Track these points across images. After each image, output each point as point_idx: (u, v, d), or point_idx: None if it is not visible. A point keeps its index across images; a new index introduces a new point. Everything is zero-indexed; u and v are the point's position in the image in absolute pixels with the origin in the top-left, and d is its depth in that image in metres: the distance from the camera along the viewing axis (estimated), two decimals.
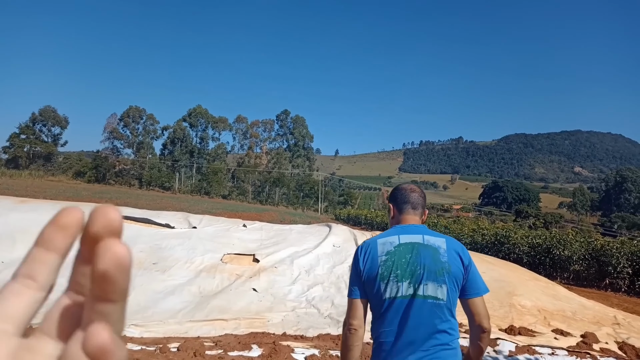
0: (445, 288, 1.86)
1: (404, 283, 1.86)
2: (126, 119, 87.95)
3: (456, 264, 1.91)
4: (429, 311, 1.85)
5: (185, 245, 7.27)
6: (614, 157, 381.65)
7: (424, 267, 1.87)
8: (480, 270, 6.33)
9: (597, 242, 14.75)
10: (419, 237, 1.95)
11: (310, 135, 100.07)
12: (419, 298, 1.85)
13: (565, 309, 7.21)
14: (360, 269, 1.93)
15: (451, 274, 1.88)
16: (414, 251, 1.90)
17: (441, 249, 1.92)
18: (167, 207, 34.91)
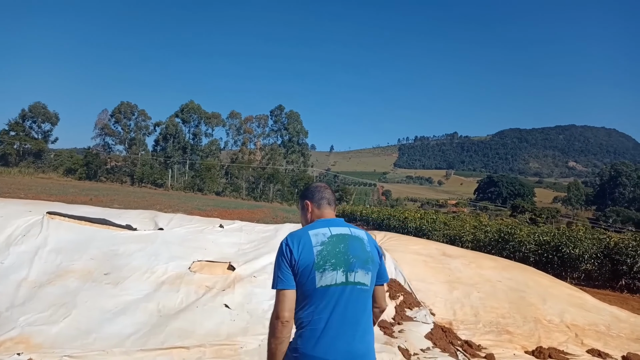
0: (370, 275, 2.07)
1: (339, 271, 1.98)
2: (117, 115, 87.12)
3: (375, 254, 2.13)
4: (359, 297, 2.01)
5: (147, 251, 6.07)
6: (608, 151, 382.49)
7: (356, 257, 2.03)
8: (495, 279, 4.85)
9: (610, 239, 13.66)
10: (346, 230, 2.13)
11: (305, 131, 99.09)
12: (351, 285, 1.99)
13: (598, 322, 6.11)
14: (295, 259, 1.98)
15: (374, 263, 2.10)
16: (346, 242, 2.05)
17: (365, 240, 2.12)
18: (157, 204, 33.80)
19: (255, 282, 5.68)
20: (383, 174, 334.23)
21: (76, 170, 72.70)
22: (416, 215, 27.47)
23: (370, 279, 2.06)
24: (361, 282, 2.02)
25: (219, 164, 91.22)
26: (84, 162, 74.79)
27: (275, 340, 1.95)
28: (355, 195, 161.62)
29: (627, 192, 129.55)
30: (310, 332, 1.95)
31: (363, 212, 43.65)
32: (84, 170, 73.10)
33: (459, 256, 7.80)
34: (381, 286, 2.22)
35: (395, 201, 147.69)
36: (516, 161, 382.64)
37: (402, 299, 5.89)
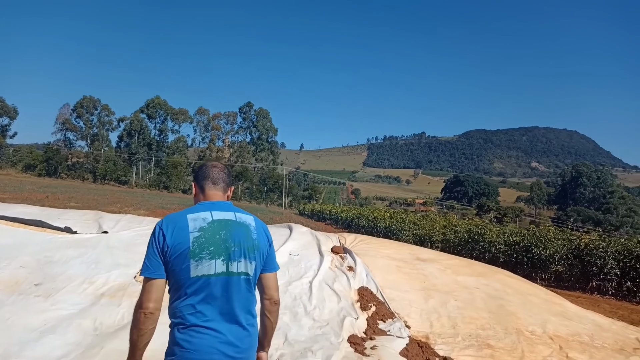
0: (254, 264, 1.92)
1: (218, 260, 1.84)
2: (80, 109, 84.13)
3: (264, 241, 1.99)
4: (241, 287, 1.88)
5: (87, 258, 5.32)
6: (569, 152, 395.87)
7: (239, 244, 1.89)
8: (472, 285, 4.09)
9: (580, 240, 13.55)
10: (231, 215, 1.96)
11: (275, 129, 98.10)
12: (233, 275, 1.86)
13: (580, 332, 5.73)
14: (168, 245, 1.81)
15: (259, 251, 1.95)
16: (228, 228, 1.90)
17: (251, 226, 1.97)
18: (119, 202, 32.54)
19: None
20: (352, 173, 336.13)
21: (36, 167, 69.89)
22: (386, 214, 27.19)
23: (254, 269, 1.92)
24: (244, 272, 1.88)
25: (186, 161, 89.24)
26: (44, 158, 71.95)
27: (137, 331, 1.79)
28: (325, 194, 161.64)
29: (587, 192, 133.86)
30: (185, 325, 1.81)
31: (332, 211, 43.23)
32: (43, 166, 70.33)
33: (434, 260, 7.34)
34: (271, 274, 2.03)
35: (365, 200, 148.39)
36: (481, 161, 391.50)
37: (375, 310, 5.35)
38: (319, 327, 4.77)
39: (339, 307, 5.25)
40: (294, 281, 5.66)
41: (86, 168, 80.00)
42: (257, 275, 1.96)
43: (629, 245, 12.39)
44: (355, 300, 5.53)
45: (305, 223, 33.92)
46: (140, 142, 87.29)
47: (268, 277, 2.01)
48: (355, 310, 5.27)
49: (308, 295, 5.38)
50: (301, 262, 6.18)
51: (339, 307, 5.25)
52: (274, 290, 2.02)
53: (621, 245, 12.54)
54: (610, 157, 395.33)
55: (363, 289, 5.82)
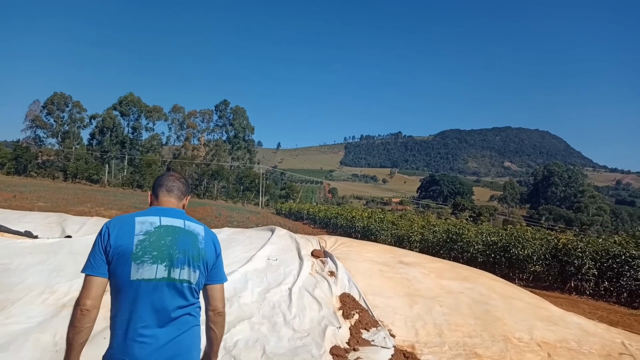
0: (198, 273, 1.91)
1: (160, 265, 1.83)
2: (50, 106, 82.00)
3: (211, 251, 1.98)
4: (181, 295, 1.86)
5: (48, 265, 4.89)
6: (541, 152, 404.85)
7: (184, 252, 1.88)
8: (456, 290, 3.62)
9: (558, 240, 13.58)
10: (180, 222, 1.96)
11: (251, 127, 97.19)
12: (174, 281, 1.85)
13: (567, 337, 5.59)
14: (111, 245, 1.82)
15: (205, 261, 1.94)
16: (175, 235, 1.90)
17: (200, 235, 1.96)
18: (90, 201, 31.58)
19: None
20: (330, 172, 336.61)
21: (4, 165, 67.82)
22: (364, 214, 27.04)
23: (197, 278, 1.91)
24: (186, 279, 1.88)
25: (161, 159, 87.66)
26: (13, 156, 69.88)
27: (72, 329, 1.76)
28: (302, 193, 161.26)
29: (559, 191, 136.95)
30: (120, 328, 1.80)
31: (310, 211, 42.96)
32: (12, 164, 68.30)
33: (417, 264, 7.13)
34: (218, 285, 2.02)
35: (342, 199, 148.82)
36: (456, 161, 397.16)
37: (358, 318, 5.08)
38: (300, 338, 4.48)
39: (320, 316, 4.97)
40: (273, 288, 5.35)
41: (57, 166, 77.80)
42: (201, 285, 1.96)
43: (606, 245, 12.45)
44: (337, 307, 5.26)
45: (283, 223, 33.57)
46: (113, 140, 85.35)
47: (214, 288, 2.00)
48: (338, 318, 5.00)
49: (287, 303, 5.08)
50: (280, 268, 5.87)
51: (320, 316, 4.97)
52: (218, 301, 2.00)
53: (599, 245, 12.59)
54: (580, 157, 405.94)
55: (345, 295, 5.55)
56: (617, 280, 11.74)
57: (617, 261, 11.78)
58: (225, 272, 2.13)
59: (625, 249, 11.86)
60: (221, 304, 2.01)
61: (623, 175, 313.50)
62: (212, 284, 1.99)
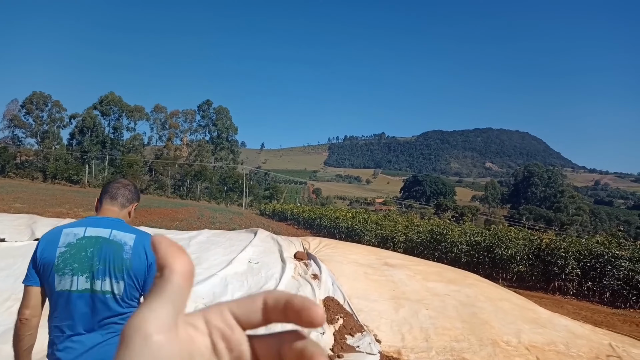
0: (122, 284, 1.87)
1: (81, 277, 1.84)
2: (29, 105, 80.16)
3: (138, 262, 1.92)
4: (107, 306, 1.85)
5: (15, 270, 4.58)
6: (521, 153, 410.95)
7: (105, 262, 1.86)
8: (442, 292, 3.45)
9: (541, 240, 13.60)
10: (106, 232, 1.93)
11: (235, 127, 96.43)
12: (97, 293, 1.85)
13: (556, 340, 5.48)
14: (38, 257, 1.86)
15: (131, 270, 1.89)
16: (97, 246, 1.89)
17: (127, 245, 1.92)
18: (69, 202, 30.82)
19: None
20: (314, 173, 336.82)
21: None
22: (348, 214, 26.90)
23: (123, 288, 1.87)
24: (109, 290, 1.85)
25: (142, 160, 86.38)
26: None
27: (15, 337, 1.84)
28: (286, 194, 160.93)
29: (539, 191, 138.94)
30: (52, 334, 1.85)
31: (294, 211, 42.65)
32: None
33: (402, 265, 6.98)
34: None
35: (326, 199, 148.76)
36: (439, 161, 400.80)
37: (342, 323, 4.89)
38: None
39: None
40: (254, 292, 5.14)
41: (36, 167, 76.05)
42: (133, 293, 1.90)
43: (589, 245, 12.50)
44: None
45: (266, 223, 33.25)
46: (94, 140, 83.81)
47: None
48: None
49: None
50: (261, 271, 5.65)
51: None
52: None
53: (582, 245, 12.63)
54: (560, 158, 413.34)
55: (329, 299, 5.36)
56: (600, 280, 11.78)
57: (600, 261, 11.83)
58: (204, 276, 2.13)
59: (608, 249, 11.92)
60: None
61: (601, 176, 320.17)
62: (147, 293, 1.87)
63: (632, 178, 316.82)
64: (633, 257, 11.55)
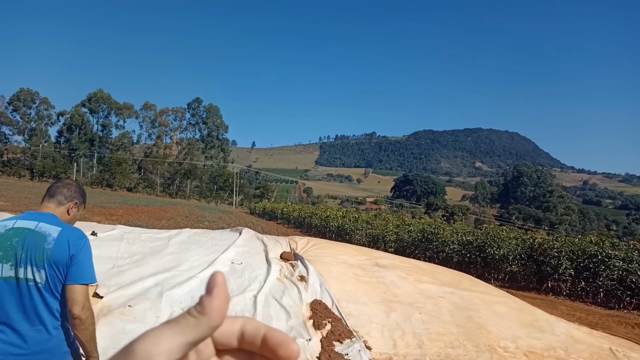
0: (43, 273, 1.94)
1: (6, 265, 1.92)
2: (16, 102, 79.26)
3: (60, 252, 1.97)
4: (30, 293, 1.92)
5: None
6: (511, 153, 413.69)
7: (27, 252, 1.93)
8: (436, 294, 5.37)
9: (534, 240, 13.39)
10: (33, 224, 2.01)
11: (225, 126, 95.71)
12: (20, 280, 1.92)
13: (555, 345, 5.22)
14: None
15: (52, 260, 1.94)
16: (22, 236, 1.96)
17: (50, 236, 1.98)
18: None
19: (129, 314, 4.06)
20: (305, 172, 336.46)
21: None
22: (338, 213, 26.61)
23: (45, 277, 1.94)
24: (31, 278, 1.93)
25: (131, 158, 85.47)
26: None
27: None
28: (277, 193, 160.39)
29: (528, 191, 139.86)
30: None
31: (284, 210, 42.28)
32: None
33: (394, 266, 6.67)
34: (72, 286, 1.96)
35: (317, 198, 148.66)
36: (429, 161, 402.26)
37: (330, 329, 4.57)
38: None
39: (288, 327, 4.45)
40: (236, 296, 4.78)
41: (23, 164, 74.91)
42: (55, 283, 1.95)
43: (582, 245, 12.30)
44: (307, 317, 4.74)
45: (256, 222, 32.86)
46: (82, 138, 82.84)
47: (68, 289, 1.95)
48: (308, 329, 4.48)
49: (252, 313, 4.53)
50: (245, 273, 5.30)
51: (289, 327, 4.45)
52: (73, 303, 1.94)
53: (575, 245, 12.44)
54: (549, 158, 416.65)
55: (316, 302, 5.03)
56: (593, 280, 11.60)
57: (594, 261, 11.65)
58: (183, 278, 1.99)
59: (602, 249, 11.72)
60: (77, 307, 1.94)
61: (590, 176, 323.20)
62: (67, 285, 1.96)
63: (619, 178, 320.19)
64: (627, 257, 11.39)
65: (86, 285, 1.99)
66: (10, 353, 1.87)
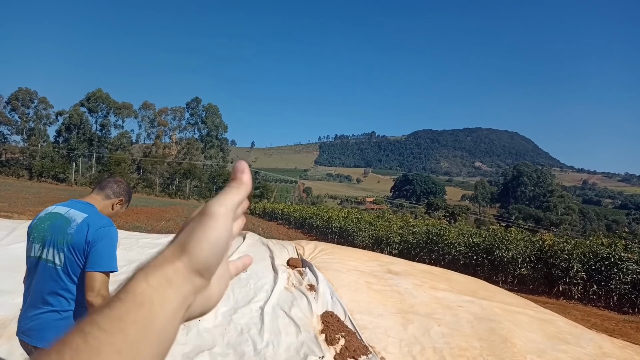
0: (63, 256, 2.01)
1: (37, 245, 2.06)
2: (14, 102, 78.90)
3: (79, 237, 2.02)
4: (48, 273, 2.01)
5: None
6: (510, 153, 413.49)
7: (52, 235, 2.04)
8: (454, 303, 5.10)
9: (544, 242, 13.01)
10: (65, 210, 2.11)
11: (224, 125, 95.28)
12: (43, 260, 2.03)
13: (583, 358, 4.85)
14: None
15: (71, 244, 2.01)
16: (53, 220, 2.07)
17: (75, 222, 2.05)
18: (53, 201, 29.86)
19: None
20: (304, 171, 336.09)
21: None
22: (340, 214, 26.22)
23: (64, 260, 2.01)
24: (51, 260, 2.02)
25: (130, 157, 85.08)
26: None
27: None
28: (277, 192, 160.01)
29: (528, 190, 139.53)
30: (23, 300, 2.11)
31: (285, 210, 41.81)
32: None
33: (407, 273, 6.30)
34: (89, 273, 1.99)
35: (316, 198, 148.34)
36: (429, 160, 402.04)
37: (344, 344, 4.20)
38: None
39: (298, 342, 4.09)
40: (241, 307, 4.41)
41: (21, 164, 74.59)
42: (73, 268, 2.01)
43: (593, 247, 11.91)
44: (318, 330, 4.37)
45: (256, 223, 32.46)
46: (81, 138, 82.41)
47: (86, 276, 1.99)
48: (320, 345, 4.11)
49: (259, 327, 4.17)
50: (250, 281, 4.93)
51: (299, 342, 4.09)
52: (89, 290, 1.96)
53: (586, 247, 12.05)
54: (548, 158, 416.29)
55: (328, 314, 4.66)
56: (606, 283, 11.22)
57: (606, 264, 11.27)
58: None
59: (615, 251, 11.34)
60: (91, 294, 1.95)
61: (589, 176, 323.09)
62: (86, 271, 1.99)
63: (619, 178, 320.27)
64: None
65: (103, 272, 2.00)
66: (20, 326, 2.05)
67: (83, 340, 0.28)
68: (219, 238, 0.38)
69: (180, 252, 0.36)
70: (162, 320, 0.33)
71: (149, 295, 0.33)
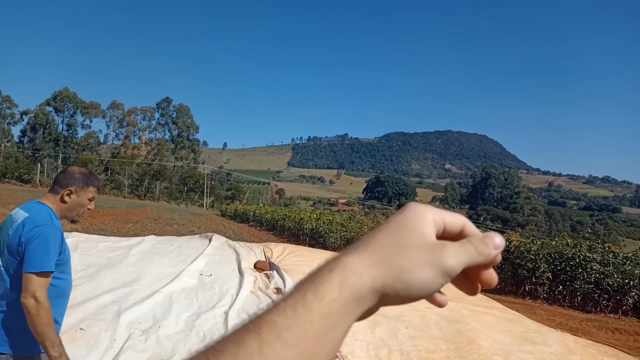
0: (5, 258, 2.02)
1: None
2: None
3: (15, 237, 2.01)
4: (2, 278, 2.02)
5: None
6: (479, 155, 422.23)
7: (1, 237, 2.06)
8: (422, 305, 4.20)
9: (510, 242, 13.25)
10: (16, 211, 2.12)
11: (196, 126, 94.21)
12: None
13: (548, 358, 4.90)
14: None
15: (9, 245, 2.02)
16: (5, 222, 2.11)
17: (16, 222, 2.04)
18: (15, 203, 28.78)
19: (81, 338, 3.50)
20: (277, 173, 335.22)
21: None
22: (312, 216, 26.17)
23: (6, 261, 2.02)
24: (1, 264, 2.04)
25: (98, 158, 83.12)
26: None
27: None
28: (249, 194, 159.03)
29: (496, 192, 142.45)
30: None
31: (256, 212, 41.46)
32: None
33: None
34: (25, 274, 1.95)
35: (289, 200, 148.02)
36: (400, 163, 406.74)
37: None
38: None
39: None
40: (204, 312, 4.27)
41: None
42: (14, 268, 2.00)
43: (559, 248, 12.21)
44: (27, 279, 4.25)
45: (227, 225, 32.07)
46: (46, 138, 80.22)
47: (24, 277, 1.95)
48: None
49: (223, 333, 4.06)
50: (215, 285, 4.78)
51: None
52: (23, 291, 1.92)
53: (552, 248, 12.34)
54: (515, 160, 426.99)
55: None
56: (571, 283, 11.50)
57: (571, 264, 11.56)
58: (144, 293, 1.76)
59: (579, 252, 11.65)
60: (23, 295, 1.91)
61: (555, 178, 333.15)
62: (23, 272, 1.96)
63: (583, 180, 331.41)
64: (603, 260, 11.35)
65: (35, 273, 1.93)
66: None
67: (258, 349, 0.27)
68: (426, 290, 0.35)
69: (382, 275, 0.33)
70: (336, 339, 0.30)
71: (336, 309, 0.31)
